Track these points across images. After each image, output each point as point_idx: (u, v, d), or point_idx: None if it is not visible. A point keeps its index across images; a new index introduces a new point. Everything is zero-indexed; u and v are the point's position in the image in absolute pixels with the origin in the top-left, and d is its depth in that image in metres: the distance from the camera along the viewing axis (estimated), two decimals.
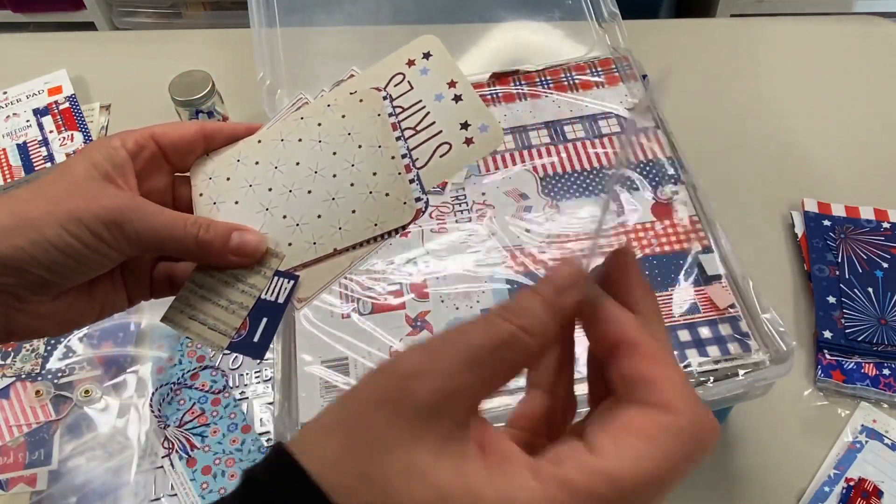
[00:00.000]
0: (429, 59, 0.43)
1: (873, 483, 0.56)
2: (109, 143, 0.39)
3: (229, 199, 0.41)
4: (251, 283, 0.39)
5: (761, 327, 0.53)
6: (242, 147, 0.43)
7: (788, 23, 0.97)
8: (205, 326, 0.39)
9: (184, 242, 0.37)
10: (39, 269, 0.34)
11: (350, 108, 0.42)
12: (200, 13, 1.73)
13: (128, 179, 0.39)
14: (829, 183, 0.77)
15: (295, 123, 0.43)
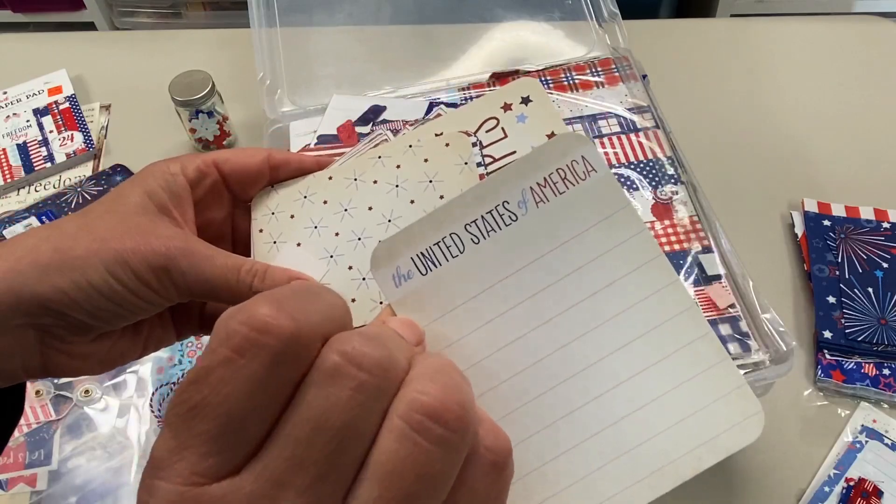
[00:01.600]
0: (528, 104, 0.38)
1: (873, 483, 0.56)
2: (168, 168, 0.36)
3: (291, 239, 0.38)
4: None
5: (761, 327, 0.53)
6: (311, 182, 0.39)
7: (788, 23, 0.97)
8: None
9: (237, 292, 0.34)
10: (80, 314, 0.32)
11: (434, 152, 0.38)
12: (200, 13, 1.73)
13: (185, 211, 0.36)
14: (829, 183, 0.77)
15: (371, 162, 0.38)
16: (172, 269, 0.32)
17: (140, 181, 0.35)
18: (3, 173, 0.82)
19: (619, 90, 0.70)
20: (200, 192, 0.37)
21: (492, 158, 0.38)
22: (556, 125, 0.37)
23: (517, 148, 0.37)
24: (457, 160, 0.37)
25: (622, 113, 0.68)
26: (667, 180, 0.63)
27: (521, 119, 0.38)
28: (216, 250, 0.34)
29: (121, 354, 0.36)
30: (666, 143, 0.65)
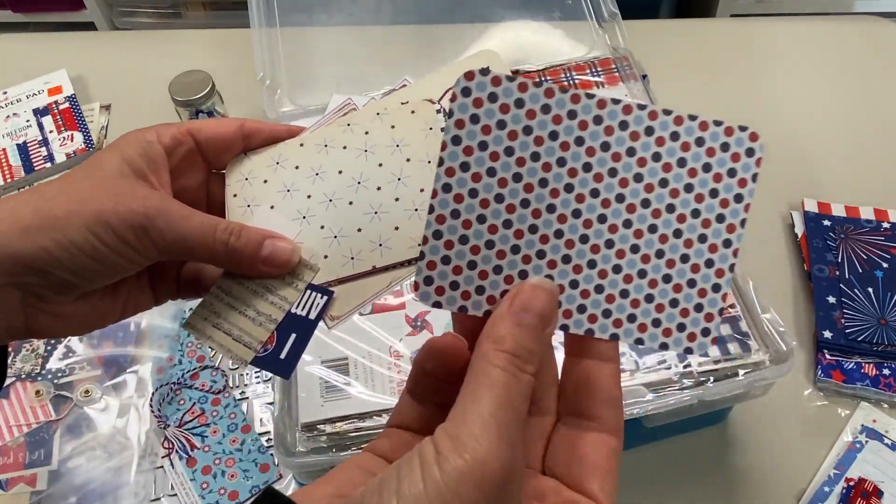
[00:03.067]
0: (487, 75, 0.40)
1: (873, 483, 0.56)
2: (144, 136, 0.37)
3: (264, 202, 0.39)
4: (282, 295, 0.37)
5: (761, 327, 0.53)
6: (283, 149, 0.40)
7: (788, 23, 0.97)
8: (229, 337, 0.37)
9: (213, 250, 0.35)
10: (63, 272, 0.33)
11: (400, 119, 0.40)
12: (200, 13, 1.73)
13: (161, 176, 0.37)
14: (829, 183, 0.77)
15: (340, 130, 0.40)
16: (150, 228, 0.34)
17: (117, 148, 0.36)
18: (3, 173, 0.82)
19: (619, 90, 0.70)
20: (176, 160, 0.38)
21: None
22: None
23: None
24: (422, 126, 0.39)
25: None
26: None
27: None
28: (193, 210, 0.35)
29: (101, 317, 0.37)
30: None
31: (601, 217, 0.29)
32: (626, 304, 0.29)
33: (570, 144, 0.29)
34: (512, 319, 0.27)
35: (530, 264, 0.29)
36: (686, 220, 0.30)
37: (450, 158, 0.28)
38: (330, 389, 0.52)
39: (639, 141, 0.29)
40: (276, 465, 0.59)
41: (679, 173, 0.30)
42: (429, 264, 0.29)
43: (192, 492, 0.58)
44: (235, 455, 0.59)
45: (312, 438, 0.50)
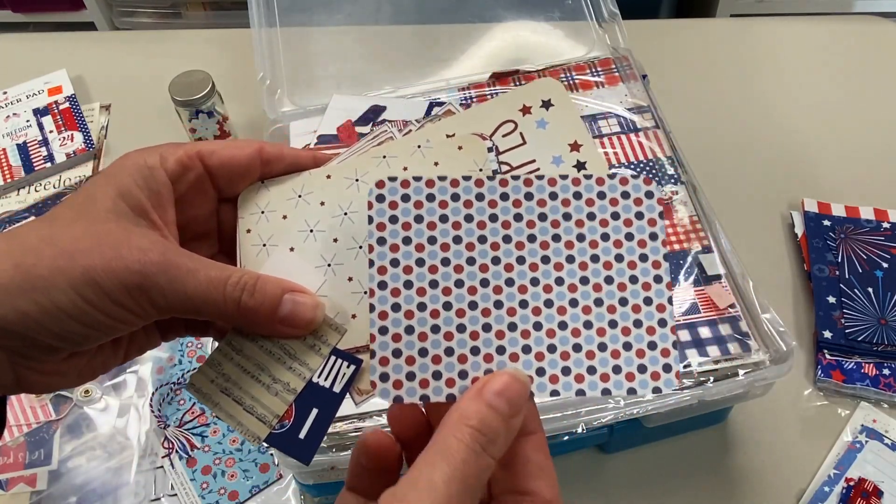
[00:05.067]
0: (549, 109, 0.36)
1: (873, 483, 0.56)
2: (145, 161, 0.32)
3: (283, 243, 0.34)
4: (302, 360, 0.32)
5: (761, 327, 0.53)
6: (307, 180, 0.35)
7: (788, 23, 0.97)
8: (240, 407, 0.32)
9: (223, 310, 0.31)
10: (47, 337, 0.29)
11: (445, 155, 0.35)
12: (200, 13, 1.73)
13: (164, 212, 0.32)
14: (829, 183, 0.77)
15: (375, 162, 0.35)
16: (150, 287, 0.29)
17: (113, 178, 0.31)
18: (3, 173, 0.82)
19: (619, 90, 0.70)
20: (182, 188, 0.33)
21: (508, 166, 0.35)
22: (580, 134, 0.35)
23: (536, 156, 0.35)
24: (470, 165, 0.35)
25: (622, 113, 0.68)
26: (667, 180, 0.63)
27: (542, 125, 0.36)
28: (199, 261, 0.31)
29: (101, 365, 0.33)
30: (666, 143, 0.65)
31: (533, 280, 0.30)
32: (581, 358, 0.30)
33: (486, 223, 0.30)
34: (482, 400, 0.27)
35: (479, 339, 0.30)
36: (612, 266, 0.30)
37: (379, 258, 0.30)
38: None
39: (546, 206, 0.31)
40: (276, 465, 0.59)
41: (592, 226, 0.31)
42: (381, 360, 0.29)
43: (192, 492, 0.58)
44: (235, 455, 0.59)
45: None
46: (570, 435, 0.51)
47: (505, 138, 0.36)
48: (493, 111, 0.36)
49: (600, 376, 0.30)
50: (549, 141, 0.35)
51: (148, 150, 0.33)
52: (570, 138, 0.35)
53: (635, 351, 0.30)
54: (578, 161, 0.35)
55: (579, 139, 0.35)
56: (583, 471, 0.59)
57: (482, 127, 0.36)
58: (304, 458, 0.31)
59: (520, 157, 0.35)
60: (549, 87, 0.36)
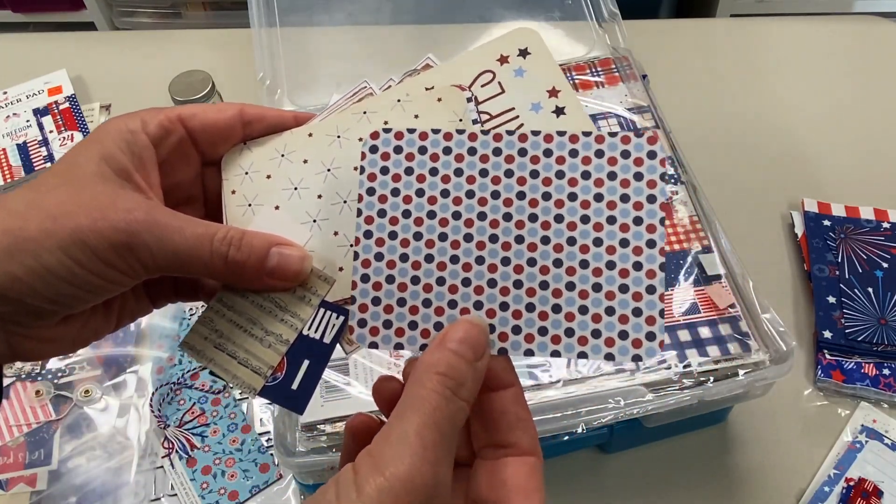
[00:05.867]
0: (526, 57, 0.35)
1: (873, 483, 0.56)
2: (126, 125, 0.32)
3: (268, 202, 0.34)
4: (293, 312, 0.32)
5: (761, 327, 0.53)
6: (289, 139, 0.35)
7: (788, 23, 0.97)
8: (234, 360, 0.33)
9: (211, 265, 0.31)
10: (39, 300, 0.29)
11: (425, 108, 0.35)
12: (200, 13, 1.73)
13: (148, 174, 0.32)
14: (829, 183, 0.77)
15: (356, 118, 0.35)
16: (137, 246, 0.29)
17: (95, 142, 0.31)
18: (3, 173, 0.82)
19: (619, 90, 0.70)
20: (165, 152, 0.33)
21: (488, 115, 0.35)
22: (557, 80, 0.35)
23: (515, 104, 0.35)
24: (451, 116, 0.34)
25: (622, 113, 0.68)
26: (667, 180, 0.63)
27: (520, 73, 0.35)
28: (184, 219, 0.31)
29: (94, 332, 0.33)
30: (666, 143, 0.65)
31: (518, 238, 0.30)
32: (560, 319, 0.29)
33: (476, 177, 0.30)
34: (445, 348, 0.28)
35: (458, 293, 0.30)
36: (603, 228, 0.29)
37: (367, 208, 0.31)
38: (330, 389, 0.52)
39: (540, 163, 0.30)
40: (276, 465, 0.59)
41: (586, 185, 0.30)
42: (360, 307, 0.30)
43: (192, 492, 0.58)
44: (235, 455, 0.59)
45: (312, 438, 0.50)
46: (570, 435, 0.51)
47: (483, 88, 0.35)
48: (472, 62, 0.36)
49: (578, 339, 0.29)
50: (528, 88, 0.35)
51: (129, 116, 0.33)
52: (549, 84, 0.35)
53: (618, 316, 0.29)
54: (557, 107, 0.34)
55: (557, 85, 0.34)
56: (583, 471, 0.59)
57: (461, 78, 0.36)
58: (297, 409, 0.32)
59: (499, 105, 0.35)
60: (526, 37, 0.36)
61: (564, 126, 0.34)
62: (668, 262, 0.58)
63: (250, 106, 0.35)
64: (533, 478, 0.29)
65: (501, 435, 0.29)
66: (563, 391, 0.51)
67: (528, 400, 0.31)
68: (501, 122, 0.34)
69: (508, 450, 0.29)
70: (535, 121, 0.34)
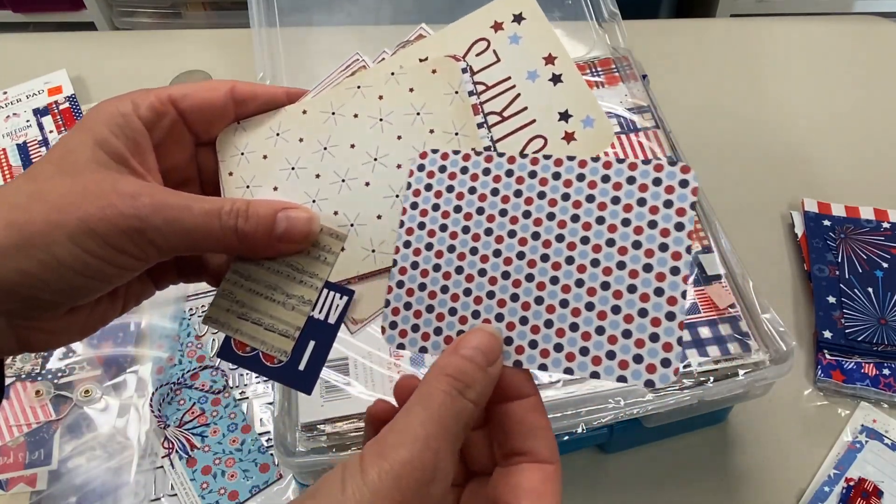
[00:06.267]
0: (521, 23, 0.34)
1: (873, 483, 0.56)
2: (118, 109, 0.31)
3: (266, 183, 0.34)
4: (311, 272, 0.33)
5: (761, 327, 0.53)
6: (283, 118, 0.35)
7: (788, 23, 0.97)
8: (260, 327, 0.33)
9: (223, 239, 0.31)
10: (51, 294, 0.29)
11: (420, 80, 0.34)
12: (200, 13, 1.73)
13: (145, 158, 0.32)
14: (829, 183, 0.77)
15: (350, 93, 0.35)
16: (148, 230, 0.29)
17: (88, 129, 0.31)
18: (3, 173, 0.82)
19: (619, 90, 0.70)
20: (159, 135, 0.33)
21: (484, 85, 0.34)
22: (554, 46, 0.34)
23: (511, 73, 0.34)
24: (446, 89, 0.34)
25: (622, 113, 0.68)
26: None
27: (515, 40, 0.34)
28: (190, 197, 0.30)
29: (101, 319, 0.33)
30: (666, 143, 0.65)
31: (544, 256, 0.31)
32: (576, 338, 0.30)
33: (510, 197, 0.32)
34: (457, 353, 0.29)
35: (482, 304, 0.31)
36: (628, 252, 0.30)
37: (409, 221, 0.32)
38: (330, 389, 0.52)
39: (572, 187, 0.31)
40: (276, 465, 0.59)
41: (614, 210, 0.31)
42: (393, 311, 0.32)
43: (192, 492, 0.58)
44: (235, 455, 0.59)
45: (312, 438, 0.50)
46: (570, 435, 0.51)
47: (478, 57, 0.34)
48: (465, 30, 0.35)
49: (592, 359, 0.29)
50: (523, 56, 0.34)
51: (119, 99, 0.32)
52: (545, 51, 0.34)
53: (634, 340, 0.29)
54: (554, 74, 0.34)
55: (553, 51, 0.34)
56: (583, 471, 0.59)
57: (455, 48, 0.35)
58: (305, 388, 0.32)
59: (495, 75, 0.34)
60: (521, 2, 0.35)
61: (562, 94, 0.34)
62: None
63: (242, 83, 0.35)
64: (548, 483, 0.29)
65: (519, 442, 0.30)
66: (563, 391, 0.51)
67: None
68: (497, 92, 0.34)
69: (526, 457, 0.30)
70: (532, 89, 0.34)
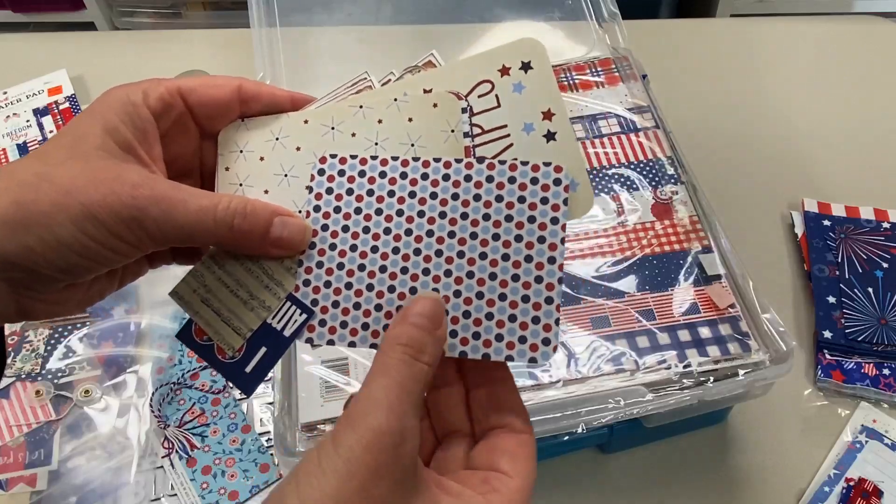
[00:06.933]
0: (527, 72, 0.35)
1: (873, 483, 0.56)
2: (129, 97, 0.33)
3: (258, 184, 0.35)
4: (278, 281, 0.34)
5: (761, 327, 0.53)
6: (285, 123, 0.36)
7: (788, 23, 0.97)
8: (218, 317, 0.34)
9: (216, 234, 0.32)
10: (51, 270, 0.30)
11: (420, 112, 0.35)
12: (200, 13, 1.73)
13: (151, 148, 0.33)
14: (829, 183, 0.77)
15: (352, 112, 0.36)
16: (145, 220, 0.30)
17: (99, 114, 0.32)
18: None
19: (619, 90, 0.70)
20: (166, 125, 0.34)
21: (480, 129, 0.35)
22: (555, 102, 0.34)
23: (508, 122, 0.35)
24: (443, 126, 0.35)
25: (622, 113, 0.68)
26: (667, 180, 0.63)
27: (518, 89, 0.35)
28: (188, 191, 0.32)
29: (98, 293, 0.35)
30: (666, 143, 0.65)
31: (437, 252, 0.33)
32: (469, 324, 0.33)
33: (405, 198, 0.34)
34: (406, 322, 0.31)
35: (383, 298, 0.33)
36: (511, 245, 0.33)
37: (312, 223, 0.34)
38: (330, 389, 0.52)
39: (460, 187, 0.34)
40: (276, 465, 0.59)
41: (499, 207, 0.33)
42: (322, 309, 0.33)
43: (192, 492, 0.58)
44: (235, 455, 0.59)
45: (312, 438, 0.50)
46: (570, 435, 0.51)
47: (480, 99, 0.35)
48: (474, 68, 0.36)
49: (483, 342, 0.32)
50: (524, 107, 0.35)
51: (130, 87, 0.33)
52: (545, 106, 0.35)
53: (519, 323, 0.32)
54: (549, 131, 0.34)
55: (553, 108, 0.35)
56: (583, 471, 0.59)
57: (460, 84, 0.35)
58: (246, 390, 0.34)
59: (493, 120, 0.35)
60: (531, 49, 0.35)
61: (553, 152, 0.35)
62: (668, 262, 0.58)
63: (249, 82, 0.36)
64: (523, 447, 0.32)
65: (499, 419, 0.33)
66: (563, 391, 0.51)
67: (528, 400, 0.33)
68: (491, 138, 0.35)
69: (503, 428, 0.33)
70: (525, 142, 0.34)
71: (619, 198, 0.62)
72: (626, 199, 0.62)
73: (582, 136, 0.66)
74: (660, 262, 0.58)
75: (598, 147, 0.65)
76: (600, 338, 0.54)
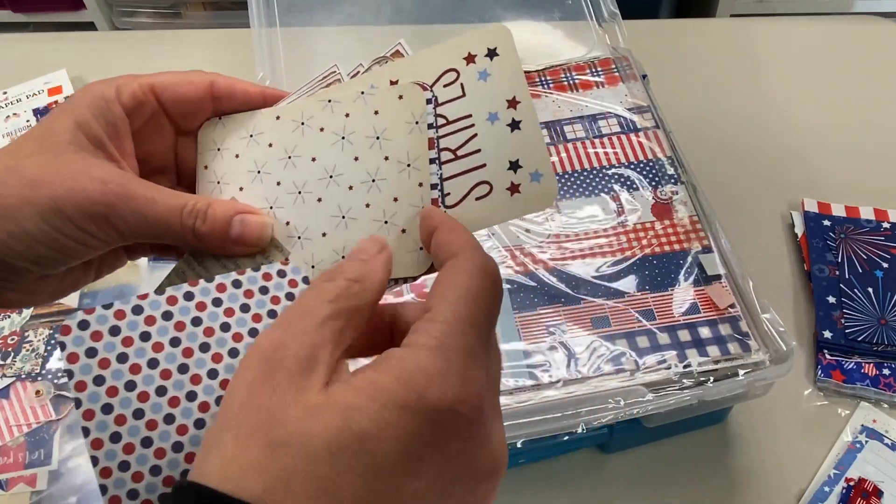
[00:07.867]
0: (493, 59, 0.34)
1: (873, 483, 0.56)
2: (102, 93, 0.33)
3: (234, 182, 0.35)
4: None
5: (761, 327, 0.53)
6: (259, 120, 0.36)
7: (788, 23, 0.98)
8: None
9: (182, 236, 0.32)
10: (21, 261, 0.31)
11: (386, 104, 0.35)
12: (200, 13, 1.73)
13: (121, 144, 0.33)
14: (829, 183, 0.77)
15: (320, 106, 0.36)
16: (112, 216, 0.31)
17: (72, 109, 0.32)
18: None
19: (619, 90, 0.70)
20: (139, 122, 0.34)
21: (445, 119, 0.34)
22: (520, 90, 0.33)
23: (473, 111, 0.33)
24: (408, 117, 0.34)
25: (622, 113, 0.68)
26: (667, 180, 0.63)
27: (483, 76, 0.34)
28: (157, 190, 0.32)
29: (72, 285, 0.35)
30: (666, 143, 0.65)
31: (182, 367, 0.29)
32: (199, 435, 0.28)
33: None
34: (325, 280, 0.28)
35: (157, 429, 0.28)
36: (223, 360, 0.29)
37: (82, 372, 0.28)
38: None
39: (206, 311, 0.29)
40: None
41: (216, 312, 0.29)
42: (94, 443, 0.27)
43: None
44: None
45: None
46: (570, 435, 0.51)
47: (446, 88, 0.34)
48: (439, 57, 0.35)
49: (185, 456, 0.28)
50: (488, 95, 0.33)
51: (105, 83, 0.33)
52: (510, 93, 0.33)
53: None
54: (514, 119, 0.33)
55: (518, 95, 0.33)
56: (583, 471, 0.59)
57: (425, 74, 0.34)
58: None
59: (457, 110, 0.34)
60: (498, 35, 0.34)
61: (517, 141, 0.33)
62: (668, 262, 0.58)
63: (222, 78, 0.36)
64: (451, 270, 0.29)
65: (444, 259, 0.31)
66: (563, 391, 0.51)
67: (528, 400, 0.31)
68: (456, 128, 0.34)
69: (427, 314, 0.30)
70: (489, 133, 0.33)
71: (619, 198, 0.62)
72: (626, 199, 0.62)
73: (582, 136, 0.66)
74: (660, 262, 0.58)
75: (598, 147, 0.65)
76: (600, 338, 0.54)
